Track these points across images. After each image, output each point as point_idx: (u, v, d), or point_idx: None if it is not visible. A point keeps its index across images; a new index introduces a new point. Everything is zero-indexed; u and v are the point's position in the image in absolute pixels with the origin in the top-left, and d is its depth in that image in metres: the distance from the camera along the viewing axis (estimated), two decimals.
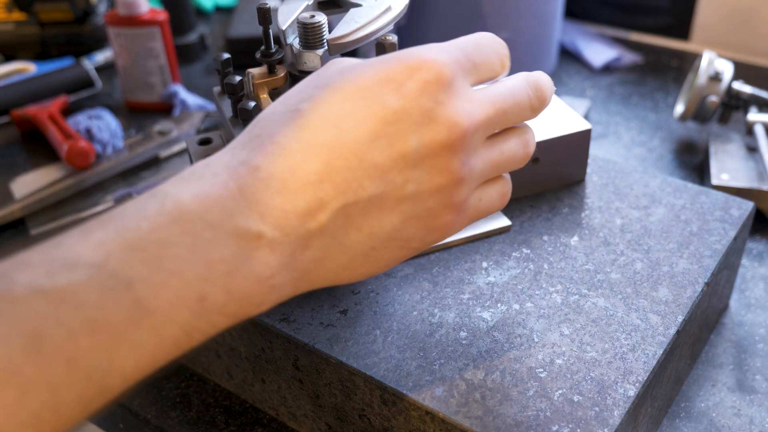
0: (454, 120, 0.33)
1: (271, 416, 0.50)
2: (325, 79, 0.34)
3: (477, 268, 0.48)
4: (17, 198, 0.72)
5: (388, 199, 0.33)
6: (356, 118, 0.32)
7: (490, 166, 0.36)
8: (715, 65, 0.72)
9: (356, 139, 0.32)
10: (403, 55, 0.34)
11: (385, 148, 0.33)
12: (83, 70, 0.88)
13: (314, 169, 0.32)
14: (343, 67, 0.35)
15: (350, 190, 0.32)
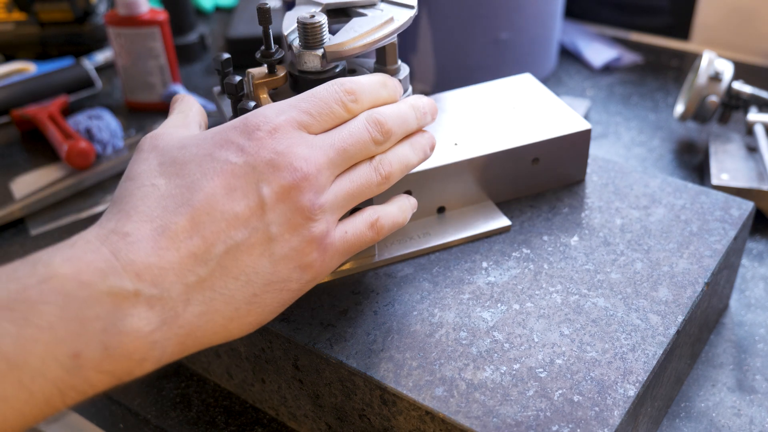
0: (294, 165, 0.37)
1: (271, 416, 0.50)
2: (169, 157, 0.37)
3: (477, 268, 0.48)
4: (17, 198, 0.72)
5: (255, 244, 0.36)
6: (208, 178, 0.36)
7: (343, 198, 0.39)
8: (715, 65, 0.72)
9: (213, 195, 0.35)
10: (237, 121, 0.38)
11: (241, 199, 0.36)
12: (83, 70, 0.88)
13: (181, 227, 0.34)
14: (182, 142, 0.38)
15: (219, 241, 0.35)
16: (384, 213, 0.42)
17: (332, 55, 0.44)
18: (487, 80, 0.60)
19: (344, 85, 0.41)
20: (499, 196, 0.53)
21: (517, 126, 0.53)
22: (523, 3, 0.81)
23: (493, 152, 0.51)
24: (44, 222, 0.71)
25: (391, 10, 0.46)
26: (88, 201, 0.74)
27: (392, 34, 0.45)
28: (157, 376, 0.54)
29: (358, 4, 0.47)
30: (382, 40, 0.45)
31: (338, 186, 0.39)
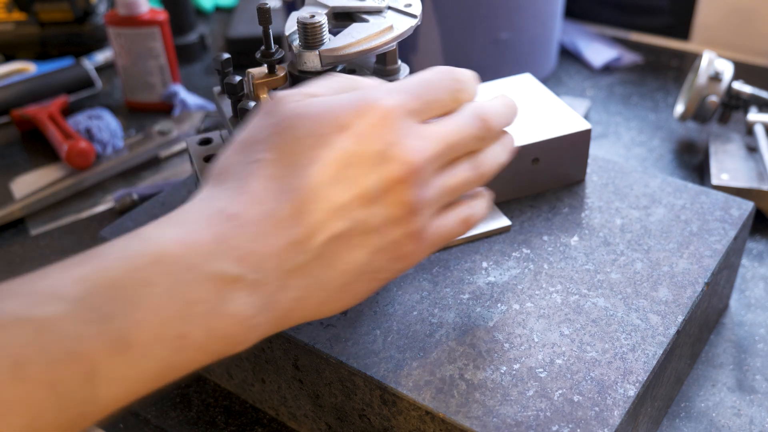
0: (406, 158, 0.36)
1: (271, 416, 0.50)
2: (279, 125, 0.37)
3: (477, 268, 0.48)
4: (17, 198, 0.72)
5: (355, 236, 0.36)
6: (318, 164, 0.35)
7: (443, 193, 0.39)
8: (715, 65, 0.72)
9: (321, 183, 0.35)
10: (351, 100, 0.37)
11: (347, 189, 0.35)
12: (83, 70, 0.88)
13: (287, 214, 0.34)
14: (294, 112, 0.37)
15: (321, 231, 0.35)
16: (477, 209, 0.42)
17: (327, 58, 0.44)
18: (487, 80, 0.60)
19: (454, 74, 0.40)
20: (499, 196, 0.53)
21: (517, 126, 0.53)
22: (523, 3, 0.81)
23: None
24: (44, 222, 0.71)
25: (393, 18, 0.46)
26: (88, 201, 0.74)
27: (390, 43, 0.45)
28: None
29: (364, 9, 0.47)
30: (379, 47, 0.45)
31: (440, 181, 0.39)
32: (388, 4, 0.48)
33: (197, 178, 0.51)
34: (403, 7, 0.47)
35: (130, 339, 0.30)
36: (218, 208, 0.34)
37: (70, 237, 0.69)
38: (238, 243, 0.33)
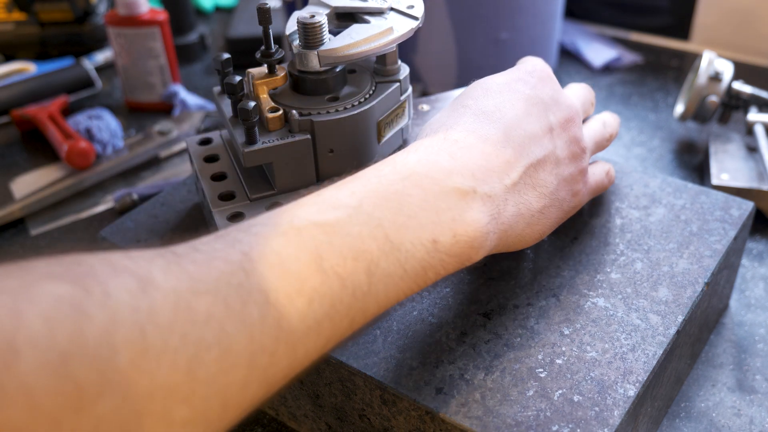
0: (568, 103, 0.45)
1: (271, 416, 0.50)
2: (475, 88, 0.45)
3: (477, 268, 0.48)
4: (17, 198, 0.72)
5: (547, 161, 0.42)
6: (509, 103, 0.42)
7: (590, 143, 0.47)
8: (715, 65, 0.72)
9: (516, 116, 0.42)
10: (519, 63, 0.47)
11: (536, 122, 0.42)
12: (83, 70, 0.88)
13: (498, 137, 0.41)
14: (478, 84, 0.45)
15: (525, 153, 0.41)
16: (610, 166, 0.51)
17: (325, 59, 0.44)
18: None
19: None
20: None
21: None
22: (523, 3, 0.81)
23: None
24: (44, 222, 0.71)
25: (395, 19, 0.46)
26: (88, 201, 0.74)
27: (389, 45, 0.45)
28: None
29: (366, 10, 0.47)
30: (379, 49, 0.45)
31: (587, 130, 0.48)
32: (391, 5, 0.48)
33: (197, 178, 0.51)
34: (405, 9, 0.47)
35: (396, 241, 0.35)
36: (443, 137, 0.40)
37: (70, 237, 0.69)
38: (468, 161, 0.39)
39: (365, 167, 0.39)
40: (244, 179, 0.49)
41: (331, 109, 0.46)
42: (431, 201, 0.37)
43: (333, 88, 0.47)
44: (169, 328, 0.27)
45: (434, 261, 0.36)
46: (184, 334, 0.27)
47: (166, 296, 0.28)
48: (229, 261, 0.31)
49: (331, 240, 0.33)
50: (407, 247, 0.35)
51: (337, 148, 0.47)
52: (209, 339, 0.28)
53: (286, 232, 0.33)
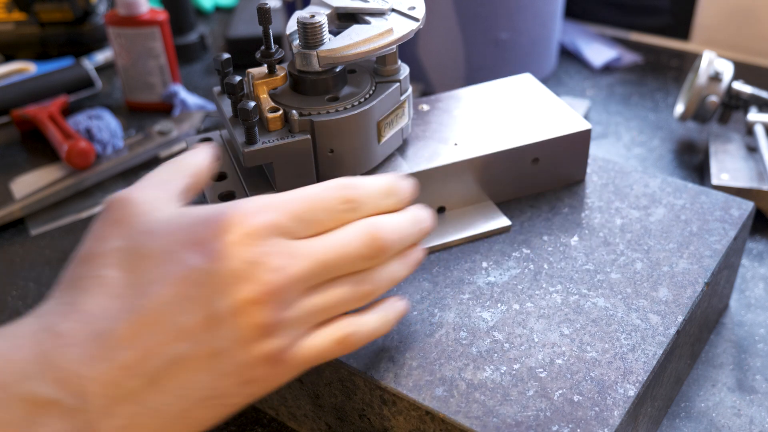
0: (261, 278, 0.33)
1: (271, 416, 0.50)
2: (132, 242, 0.35)
3: (477, 268, 0.48)
4: (17, 198, 0.72)
5: (196, 359, 0.33)
6: (162, 282, 0.33)
7: (313, 312, 0.36)
8: (715, 65, 0.72)
9: (164, 304, 0.32)
10: (212, 215, 0.35)
11: (193, 311, 0.33)
12: (83, 70, 0.88)
13: (120, 335, 0.32)
14: (146, 226, 0.35)
15: (155, 355, 0.32)
16: (360, 326, 0.38)
17: (325, 59, 0.44)
18: (487, 80, 0.60)
19: (344, 192, 0.38)
20: (499, 196, 0.53)
21: (517, 126, 0.53)
22: (523, 3, 0.81)
23: (493, 152, 0.51)
24: (44, 222, 0.71)
25: (395, 21, 0.46)
26: (88, 201, 0.74)
27: (389, 46, 0.45)
28: None
29: (367, 10, 0.47)
30: (378, 50, 0.45)
31: (310, 300, 0.36)
32: (392, 6, 0.48)
33: None
34: (406, 10, 0.47)
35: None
36: (47, 324, 0.32)
37: (70, 237, 0.69)
38: (61, 363, 0.31)
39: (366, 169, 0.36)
40: (244, 179, 0.49)
41: (331, 109, 0.46)
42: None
43: (333, 88, 0.47)
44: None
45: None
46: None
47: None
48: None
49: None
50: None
51: (337, 148, 0.47)
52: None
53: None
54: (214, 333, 0.33)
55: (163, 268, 0.33)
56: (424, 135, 0.53)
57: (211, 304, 0.33)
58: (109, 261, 0.34)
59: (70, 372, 0.31)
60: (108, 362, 0.32)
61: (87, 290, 0.33)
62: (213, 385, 0.33)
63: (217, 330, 0.33)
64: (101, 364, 0.32)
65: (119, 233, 0.35)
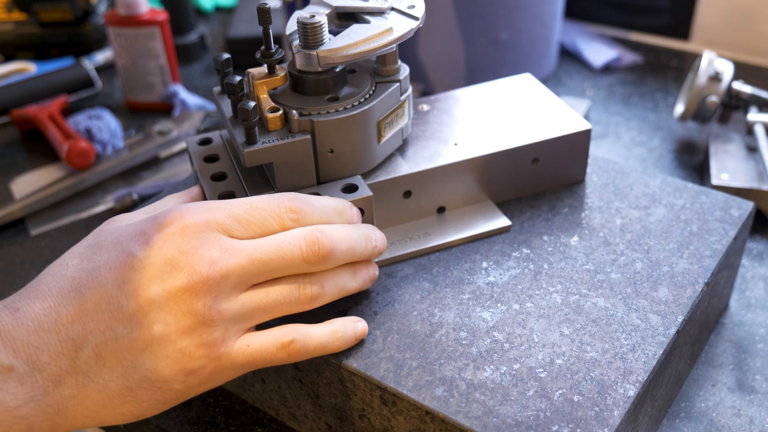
0: (194, 267, 0.36)
1: (271, 416, 0.50)
2: (97, 239, 0.39)
3: (477, 268, 0.48)
4: (17, 198, 0.72)
5: (137, 339, 0.36)
6: (107, 267, 0.36)
7: (252, 309, 0.38)
8: (715, 65, 0.72)
9: (105, 286, 0.36)
10: (160, 213, 0.38)
11: (131, 294, 0.36)
12: (83, 70, 0.88)
13: (67, 312, 0.36)
14: (116, 228, 0.39)
15: (99, 331, 0.36)
16: (306, 335, 0.40)
17: (324, 59, 0.44)
18: (487, 80, 0.60)
19: (290, 202, 0.40)
20: (499, 196, 0.53)
21: (517, 126, 0.53)
22: (523, 3, 0.81)
23: (493, 152, 0.51)
24: (44, 222, 0.71)
25: (395, 20, 0.46)
26: (88, 201, 0.74)
27: (389, 45, 0.45)
28: None
29: (367, 10, 0.47)
30: (378, 49, 0.45)
31: (249, 296, 0.38)
32: (392, 5, 0.48)
33: (197, 178, 0.51)
34: (406, 9, 0.47)
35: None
36: (7, 303, 0.36)
37: (70, 237, 0.69)
38: (16, 335, 0.35)
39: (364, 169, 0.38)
40: (244, 179, 0.49)
41: (331, 109, 0.46)
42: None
43: (333, 88, 0.47)
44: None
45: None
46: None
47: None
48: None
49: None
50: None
51: (337, 148, 0.47)
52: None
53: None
54: (151, 317, 0.36)
55: (111, 255, 0.37)
56: (424, 135, 0.53)
57: (148, 289, 0.36)
58: (74, 253, 0.39)
59: (24, 342, 0.35)
60: (57, 335, 0.35)
61: (50, 275, 0.38)
62: (153, 367, 0.36)
63: (155, 314, 0.36)
64: (50, 337, 0.35)
65: (94, 235, 0.40)
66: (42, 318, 0.35)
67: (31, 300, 0.36)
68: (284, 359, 0.39)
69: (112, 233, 0.39)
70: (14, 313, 0.35)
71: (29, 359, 0.35)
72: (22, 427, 0.35)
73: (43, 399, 0.35)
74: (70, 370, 0.35)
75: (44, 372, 0.35)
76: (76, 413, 0.36)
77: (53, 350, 0.35)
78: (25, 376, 0.34)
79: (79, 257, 0.38)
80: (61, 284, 0.37)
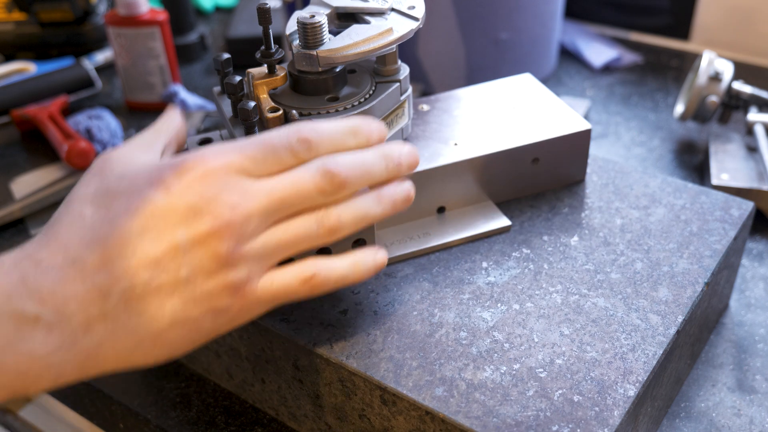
0: (217, 212, 0.37)
1: (271, 416, 0.50)
2: (106, 185, 0.39)
3: (477, 268, 0.48)
4: (17, 198, 0.72)
5: (164, 284, 0.36)
6: (129, 215, 0.36)
7: (274, 247, 0.38)
8: (715, 65, 0.72)
9: (129, 233, 0.36)
10: (175, 159, 0.38)
11: (156, 239, 0.36)
12: (83, 70, 0.88)
13: (91, 261, 0.36)
14: (123, 171, 0.39)
15: (126, 278, 0.36)
16: (326, 268, 0.40)
17: (324, 60, 0.44)
18: (487, 80, 0.60)
19: (300, 133, 0.39)
20: (499, 196, 0.53)
21: (517, 126, 0.53)
22: (523, 3, 0.81)
23: (493, 152, 0.51)
24: (44, 222, 0.71)
25: (395, 20, 0.46)
26: None
27: (389, 45, 0.45)
28: (157, 376, 0.54)
29: (367, 10, 0.47)
30: (378, 50, 0.45)
31: (270, 235, 0.38)
32: (392, 5, 0.48)
33: None
34: (406, 10, 0.47)
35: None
36: (27, 253, 0.36)
37: None
38: (41, 285, 0.35)
39: None
40: None
41: (331, 109, 0.46)
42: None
43: (333, 88, 0.47)
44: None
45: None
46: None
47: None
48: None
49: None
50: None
51: None
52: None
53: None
54: (177, 261, 0.36)
55: (130, 203, 0.37)
56: (424, 135, 0.53)
57: (173, 235, 0.36)
58: (86, 200, 0.38)
59: (50, 292, 0.35)
60: (83, 284, 0.35)
61: (66, 225, 0.37)
62: (183, 309, 0.37)
63: (180, 258, 0.36)
64: (76, 286, 0.35)
65: (97, 180, 0.39)
66: (66, 268, 0.35)
67: (53, 251, 0.36)
68: (307, 293, 0.40)
69: (123, 178, 0.38)
70: (37, 264, 0.35)
71: (56, 308, 0.35)
72: (51, 374, 0.35)
73: (73, 346, 0.35)
74: (98, 317, 0.35)
75: (72, 320, 0.35)
76: (106, 358, 0.36)
77: (80, 299, 0.35)
78: (53, 325, 0.35)
79: (93, 205, 0.38)
80: (82, 234, 0.36)
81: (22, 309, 0.34)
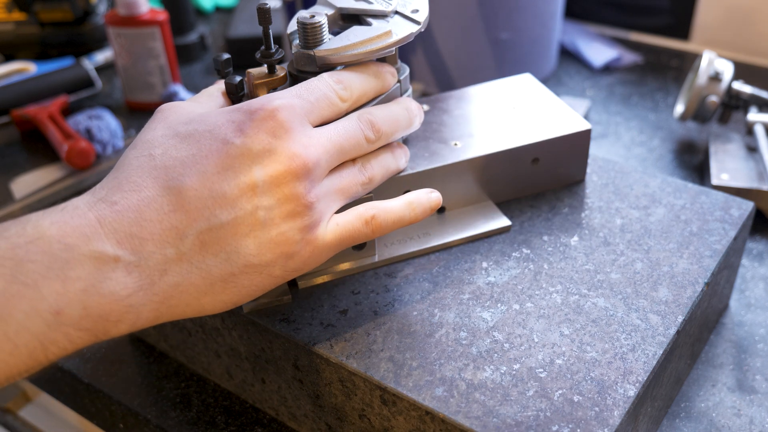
0: (293, 152, 0.38)
1: (271, 416, 0.50)
2: (173, 129, 0.39)
3: (477, 268, 0.48)
4: (17, 198, 0.73)
5: (240, 225, 0.37)
6: (203, 155, 0.37)
7: (335, 192, 0.40)
8: (715, 65, 0.72)
9: (205, 173, 0.36)
10: (244, 104, 0.39)
11: (232, 179, 0.37)
12: (83, 70, 0.88)
13: (167, 201, 0.36)
14: (189, 117, 0.39)
15: (202, 218, 0.36)
16: (385, 209, 0.42)
17: (321, 60, 0.44)
18: (487, 80, 0.60)
19: (333, 76, 0.42)
20: (499, 196, 0.53)
21: (517, 126, 0.53)
22: (523, 3, 0.81)
23: (493, 152, 0.51)
24: None
25: (397, 23, 0.46)
26: None
27: (387, 48, 0.45)
28: (157, 376, 0.54)
29: (370, 12, 0.47)
30: (376, 52, 0.45)
31: (332, 180, 0.40)
32: (396, 8, 0.48)
33: None
34: (409, 13, 0.47)
35: (4, 312, 0.31)
36: (100, 196, 0.36)
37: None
38: (118, 226, 0.35)
39: None
40: None
41: None
42: (58, 269, 0.33)
43: None
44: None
45: (57, 335, 0.33)
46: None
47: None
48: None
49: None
50: (19, 318, 0.32)
51: None
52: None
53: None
54: (253, 201, 0.37)
55: (203, 143, 0.37)
56: (424, 135, 0.53)
57: (251, 175, 0.37)
58: (154, 144, 0.38)
59: (126, 233, 0.35)
60: (160, 225, 0.35)
61: (136, 168, 0.37)
62: (257, 251, 0.37)
63: (258, 198, 0.37)
64: (152, 226, 0.35)
65: (164, 125, 0.39)
66: (143, 209, 0.35)
67: (126, 192, 0.36)
68: (369, 234, 0.41)
69: (191, 123, 0.39)
70: (112, 206, 0.35)
71: (134, 249, 0.35)
72: (131, 316, 0.35)
73: (150, 288, 0.35)
74: (175, 258, 0.36)
75: (150, 261, 0.35)
76: (179, 302, 0.36)
77: (157, 239, 0.35)
78: (132, 265, 0.34)
79: (162, 147, 0.38)
80: (155, 174, 0.36)
81: (101, 250, 0.34)
